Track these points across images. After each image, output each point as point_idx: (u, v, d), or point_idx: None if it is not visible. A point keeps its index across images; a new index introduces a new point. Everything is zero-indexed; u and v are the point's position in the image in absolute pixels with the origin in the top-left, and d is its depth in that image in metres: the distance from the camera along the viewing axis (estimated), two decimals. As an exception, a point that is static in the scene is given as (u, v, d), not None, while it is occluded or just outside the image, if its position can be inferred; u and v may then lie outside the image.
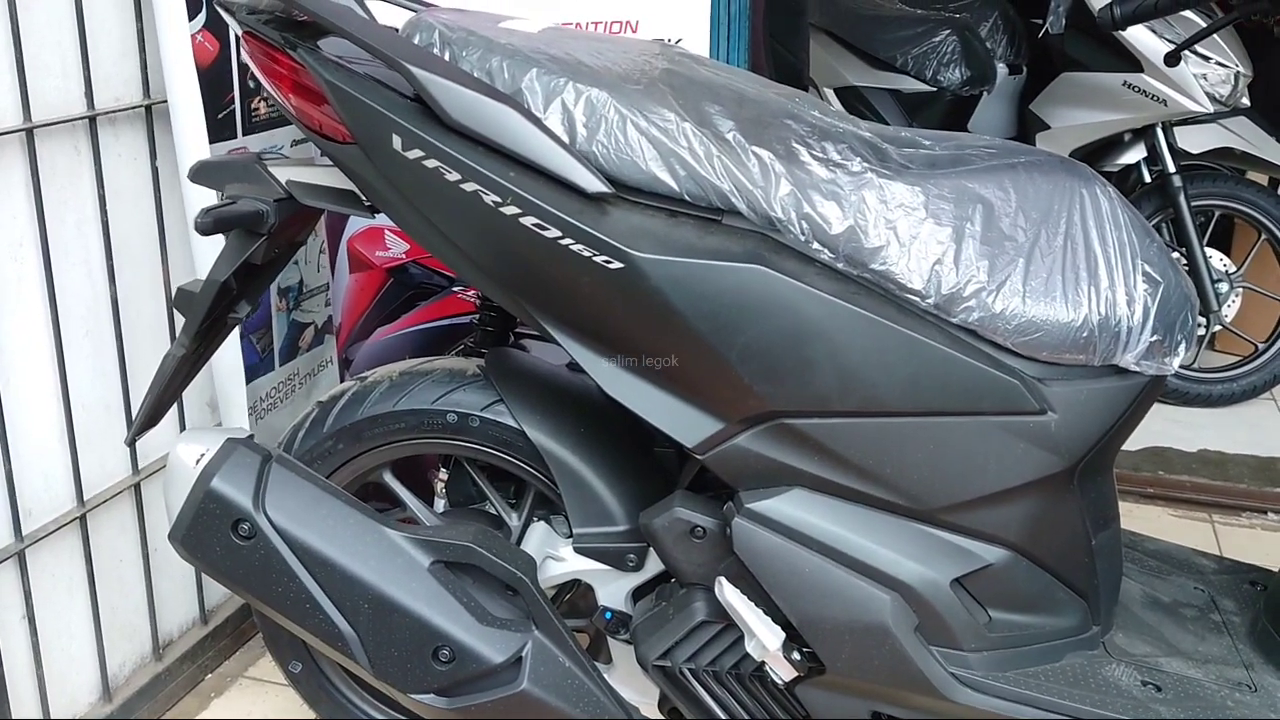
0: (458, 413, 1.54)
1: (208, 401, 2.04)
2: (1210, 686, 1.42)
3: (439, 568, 1.39)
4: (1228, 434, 3.13)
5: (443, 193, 1.29)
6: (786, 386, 1.28)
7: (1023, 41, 3.98)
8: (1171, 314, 1.33)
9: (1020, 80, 3.96)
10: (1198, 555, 1.76)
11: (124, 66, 1.77)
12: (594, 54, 1.36)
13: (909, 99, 3.69)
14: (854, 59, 3.73)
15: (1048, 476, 1.33)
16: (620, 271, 1.25)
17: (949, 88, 3.63)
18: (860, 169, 1.28)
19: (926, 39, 3.62)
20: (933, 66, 3.61)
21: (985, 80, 3.65)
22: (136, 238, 1.84)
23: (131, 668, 1.94)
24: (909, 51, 3.63)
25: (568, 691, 1.40)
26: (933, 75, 3.62)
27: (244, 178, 1.47)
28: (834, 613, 1.33)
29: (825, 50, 3.76)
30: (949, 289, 1.27)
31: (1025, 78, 3.94)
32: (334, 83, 1.30)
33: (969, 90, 3.64)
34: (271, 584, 1.37)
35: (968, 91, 3.64)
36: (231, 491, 1.36)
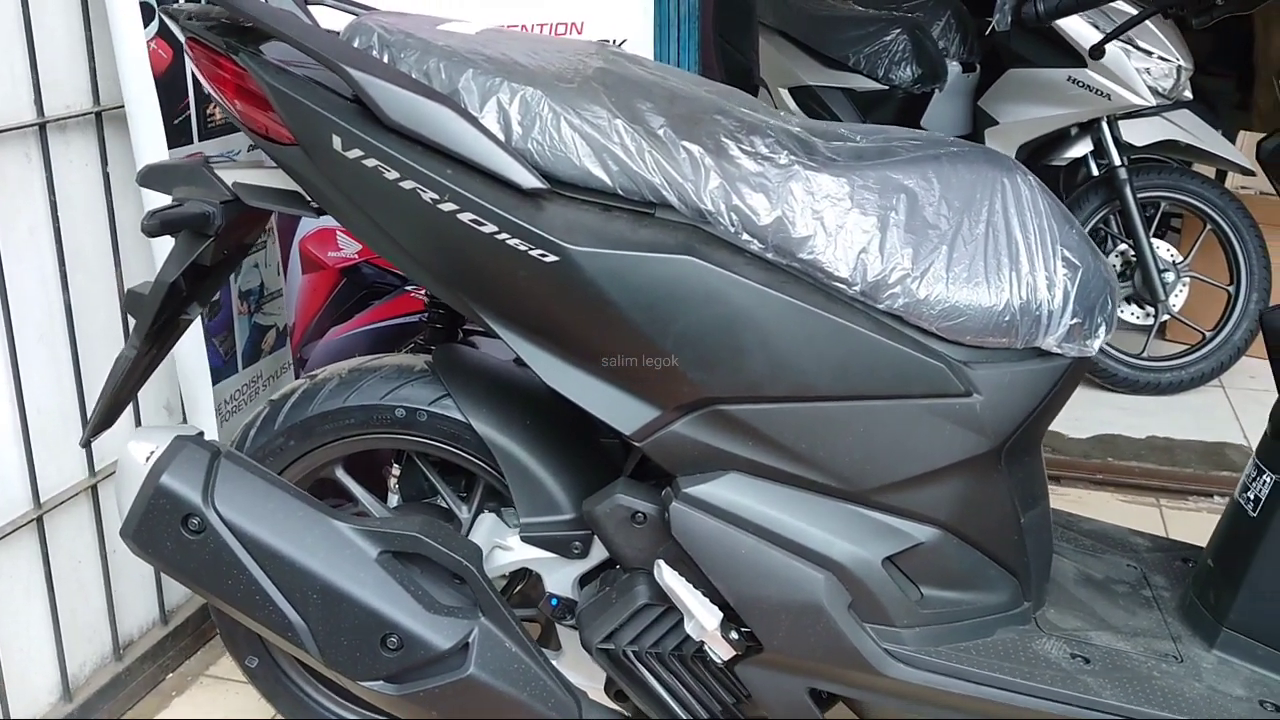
0: (406, 408, 1.57)
1: (164, 404, 2.07)
2: (1137, 658, 1.47)
3: (386, 558, 1.42)
4: (1176, 420, 3.19)
5: (383, 191, 1.32)
6: (719, 373, 1.32)
7: (975, 39, 4.05)
8: (1091, 297, 1.38)
9: (974, 77, 4.02)
10: (1133, 534, 1.81)
11: (74, 74, 1.79)
12: (529, 54, 1.39)
13: (862, 97, 3.75)
14: (808, 59, 3.78)
15: (975, 457, 1.38)
16: (556, 265, 1.29)
17: (901, 86, 3.69)
18: (787, 162, 1.33)
19: (878, 38, 3.68)
20: (884, 65, 3.67)
21: (936, 78, 3.71)
22: (91, 243, 1.86)
23: (92, 668, 1.96)
24: (861, 50, 3.69)
25: (514, 676, 1.44)
26: (884, 74, 3.68)
27: (192, 180, 1.50)
28: (769, 592, 1.37)
29: (779, 51, 3.82)
30: (874, 276, 1.32)
31: (979, 75, 4.01)
32: (275, 86, 1.34)
33: (920, 88, 3.70)
34: (222, 577, 1.40)
35: (919, 89, 3.70)
36: (180, 487, 1.38)
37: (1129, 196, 3.23)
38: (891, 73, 3.67)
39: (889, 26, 3.70)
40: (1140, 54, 3.16)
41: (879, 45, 3.67)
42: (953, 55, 4.08)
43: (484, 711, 1.44)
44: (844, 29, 3.74)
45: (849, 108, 3.75)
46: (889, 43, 3.67)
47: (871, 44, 3.68)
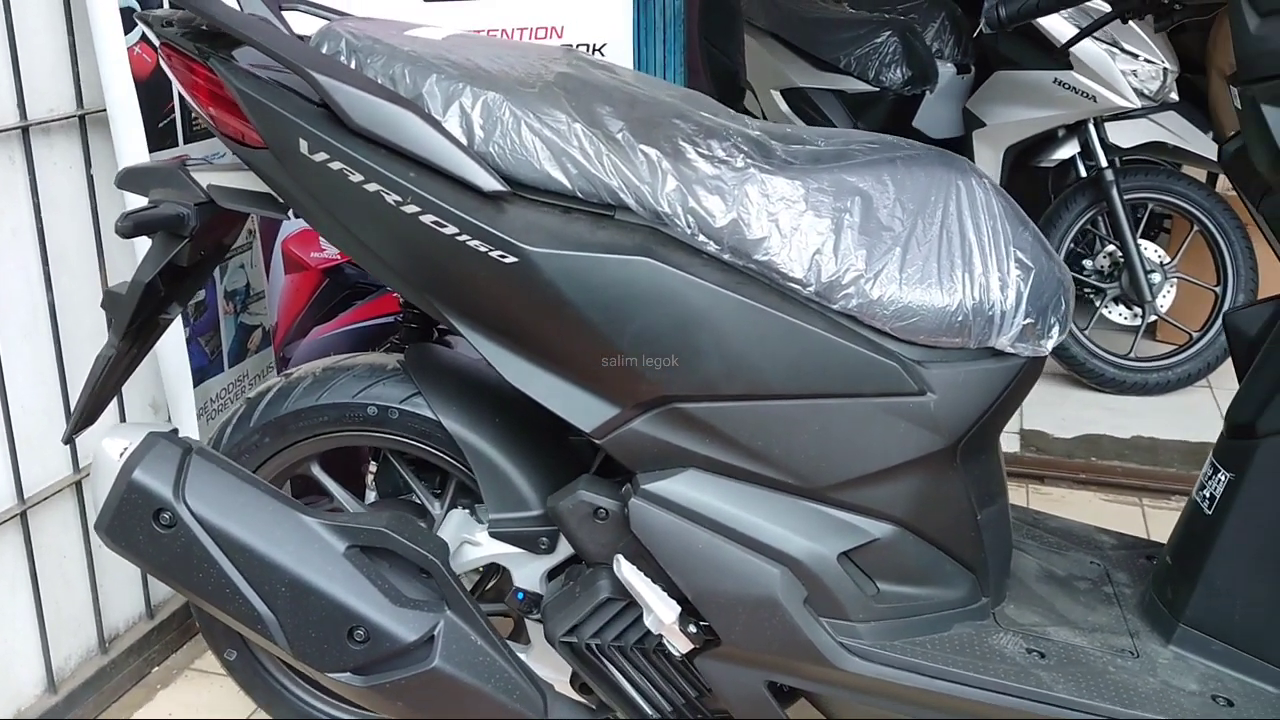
0: (378, 405, 1.60)
1: (150, 403, 2.10)
2: (1093, 653, 1.49)
3: (354, 552, 1.45)
4: (1162, 421, 3.21)
5: (348, 194, 1.35)
6: (675, 372, 1.34)
7: (970, 42, 4.07)
8: (1044, 298, 1.41)
9: (968, 80, 4.04)
10: (1099, 532, 1.83)
11: (57, 78, 1.83)
12: (493, 59, 1.42)
13: (853, 99, 3.77)
14: (799, 61, 3.81)
15: (930, 454, 1.40)
16: (515, 266, 1.32)
17: (891, 88, 3.71)
18: (743, 165, 1.35)
19: (868, 40, 3.70)
20: (875, 67, 3.69)
21: (926, 80, 3.74)
22: (75, 244, 1.90)
23: (77, 661, 2.00)
24: (851, 53, 3.71)
25: (479, 668, 1.47)
26: (875, 76, 3.70)
27: (168, 182, 1.53)
28: (726, 587, 1.40)
29: (770, 53, 3.84)
30: (828, 277, 1.34)
31: (973, 77, 4.03)
32: (244, 90, 1.37)
33: (910, 90, 3.72)
34: (193, 570, 1.43)
35: (909, 91, 3.73)
36: (152, 482, 1.42)
37: (1115, 198, 3.25)
38: (882, 74, 3.70)
39: (880, 29, 3.72)
40: (1126, 56, 3.18)
41: (869, 47, 3.70)
42: (947, 57, 4.10)
43: (449, 703, 1.47)
44: (835, 31, 3.76)
45: (840, 110, 3.77)
46: (879, 45, 3.69)
47: (862, 46, 3.71)
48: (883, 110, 3.76)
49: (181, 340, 1.90)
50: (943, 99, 4.03)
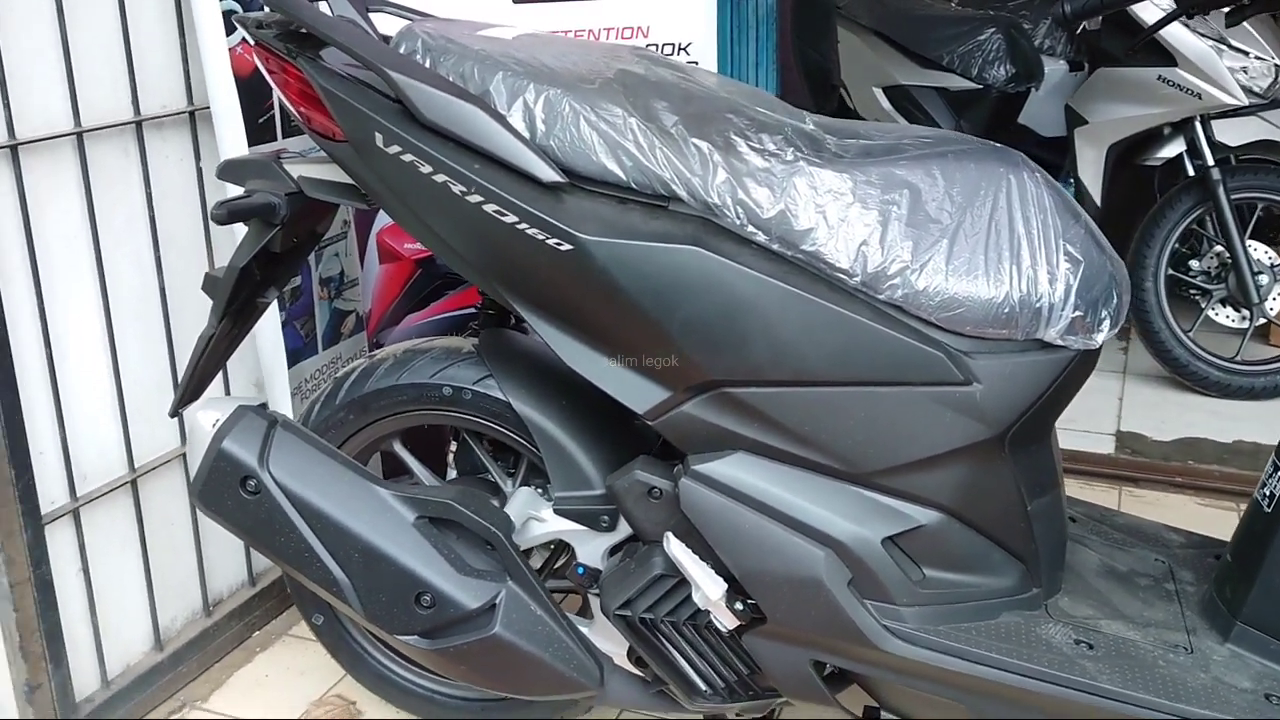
0: (452, 386, 1.69)
1: (255, 382, 2.23)
2: (1144, 647, 1.50)
3: (423, 522, 1.54)
4: (1267, 426, 3.12)
5: (419, 184, 1.44)
6: (724, 357, 1.40)
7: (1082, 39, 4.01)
8: (1095, 291, 1.42)
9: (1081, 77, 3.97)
10: (1168, 530, 1.82)
11: (169, 77, 1.97)
12: (558, 57, 1.50)
13: (956, 97, 3.75)
14: (902, 58, 3.80)
15: (976, 444, 1.42)
16: (570, 253, 1.39)
17: (995, 85, 3.68)
18: (793, 158, 1.40)
19: (972, 37, 3.68)
20: (978, 64, 3.67)
21: (1031, 77, 3.70)
22: (183, 232, 2.03)
23: (182, 622, 2.14)
24: (955, 50, 3.69)
25: (537, 637, 1.54)
26: (978, 73, 3.68)
27: (262, 174, 1.64)
28: (772, 566, 1.44)
29: (874, 50, 3.85)
30: (874, 267, 1.38)
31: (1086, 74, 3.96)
32: (326, 87, 1.47)
33: (1014, 87, 3.69)
34: (275, 535, 1.54)
35: (1013, 88, 3.69)
36: (240, 452, 1.53)
37: (1222, 197, 3.17)
38: (985, 72, 3.67)
39: (984, 25, 3.69)
40: (1233, 53, 3.10)
41: (973, 44, 3.67)
42: (1059, 54, 4.04)
43: (508, 669, 1.55)
44: (939, 28, 3.75)
45: (943, 107, 3.76)
46: (983, 41, 3.67)
47: (965, 43, 3.69)
48: (986, 107, 3.73)
49: (277, 323, 2.02)
50: (1055, 96, 3.97)
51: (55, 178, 1.79)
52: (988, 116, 3.75)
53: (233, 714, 2.03)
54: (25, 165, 1.73)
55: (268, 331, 2.01)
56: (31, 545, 1.76)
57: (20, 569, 1.74)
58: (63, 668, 1.84)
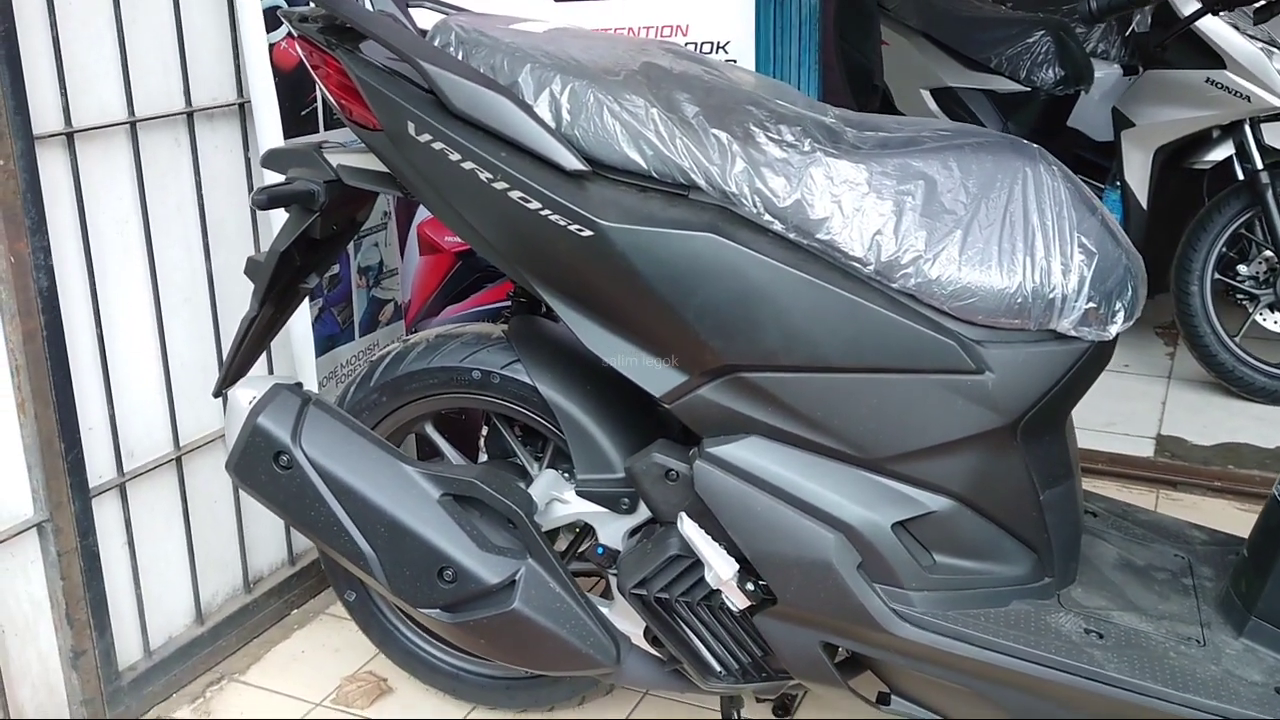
0: (481, 370, 1.74)
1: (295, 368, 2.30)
2: (1156, 638, 1.51)
3: (447, 500, 1.59)
4: (1313, 433, 3.09)
5: (448, 171, 1.49)
6: (738, 343, 1.43)
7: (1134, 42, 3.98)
8: (1109, 283, 1.43)
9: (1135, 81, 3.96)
10: (1191, 528, 1.82)
11: (219, 70, 2.04)
12: (585, 50, 1.54)
13: (1004, 99, 3.75)
14: (950, 60, 3.80)
15: (988, 432, 1.44)
16: (591, 239, 1.43)
17: (1043, 88, 3.67)
18: (810, 149, 1.43)
19: (1020, 39, 3.67)
20: (1026, 67, 3.66)
21: (1080, 80, 3.68)
22: (231, 219, 2.10)
23: (224, 597, 2.21)
24: (1003, 52, 3.69)
25: (556, 614, 1.59)
26: (1026, 75, 3.67)
27: (303, 163, 1.71)
28: (783, 548, 1.47)
29: (922, 52, 3.85)
30: (888, 256, 1.41)
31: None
32: (363, 78, 1.53)
33: (1063, 90, 3.67)
34: (306, 508, 1.60)
35: (1061, 91, 3.68)
36: (274, 427, 1.59)
37: (1271, 201, 3.14)
38: (1033, 74, 3.66)
39: (1033, 28, 3.68)
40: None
41: (1021, 47, 3.67)
42: (1113, 58, 4.02)
43: (526, 644, 1.60)
44: (987, 30, 3.75)
45: (990, 109, 3.75)
46: (1031, 44, 3.66)
47: (1014, 45, 3.68)
48: (1034, 110, 3.72)
49: (307, 311, 2.08)
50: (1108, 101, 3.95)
51: (109, 165, 1.87)
52: (1035, 119, 3.74)
53: (269, 687, 2.10)
54: (81, 152, 1.81)
55: (298, 319, 2.08)
56: (79, 516, 1.83)
57: (68, 539, 1.82)
58: (106, 636, 1.92)
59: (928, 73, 3.85)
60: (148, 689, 2.01)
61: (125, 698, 1.96)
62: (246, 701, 2.06)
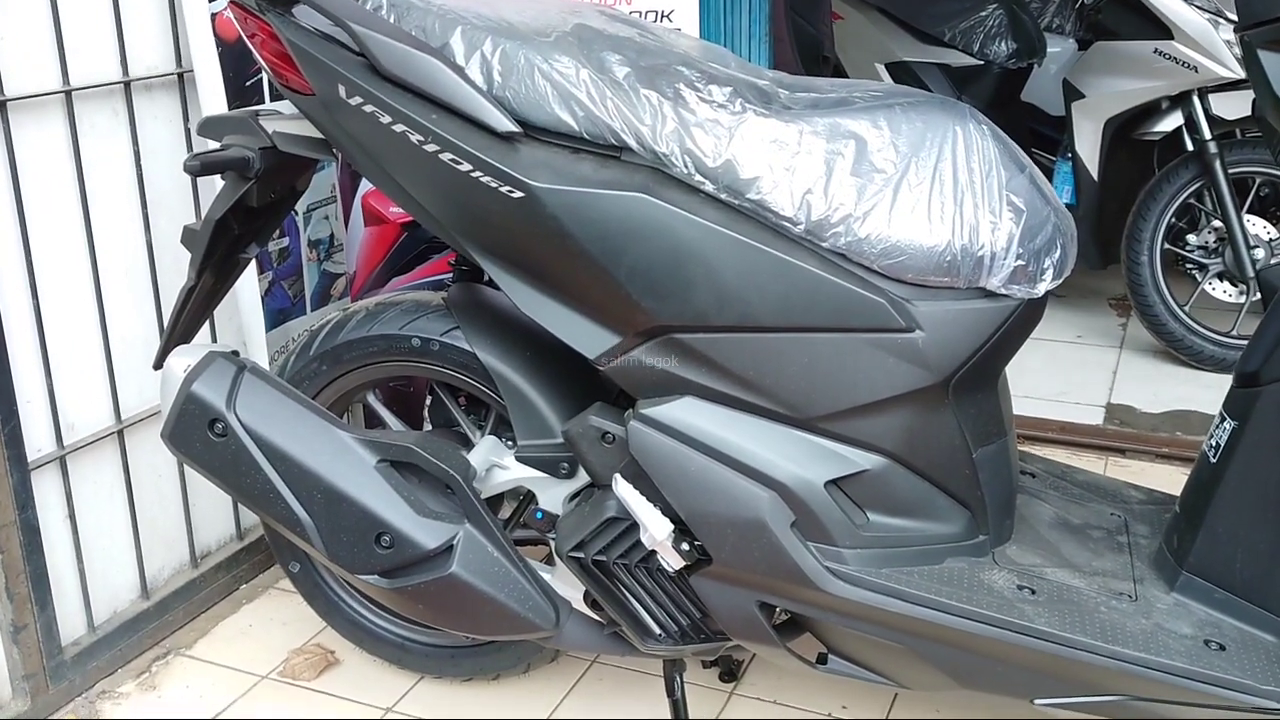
0: (420, 338, 1.73)
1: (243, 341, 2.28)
2: (1088, 594, 1.52)
3: (384, 465, 1.59)
4: (1260, 400, 3.12)
5: (380, 135, 1.49)
6: (670, 303, 1.43)
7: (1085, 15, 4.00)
8: (1038, 241, 1.44)
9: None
10: (1130, 488, 1.85)
11: (159, 39, 2.02)
12: (518, 13, 1.54)
13: (958, 73, 3.76)
14: (903, 34, 3.81)
15: (919, 390, 1.45)
16: (522, 200, 1.43)
17: (996, 61, 3.68)
18: (740, 109, 1.43)
19: (973, 13, 3.68)
20: (979, 40, 3.67)
21: (1033, 53, 3.69)
22: (172, 191, 2.09)
23: (170, 572, 2.20)
24: (956, 25, 3.70)
25: (494, 578, 1.58)
26: (980, 48, 3.68)
27: (239, 130, 1.69)
28: (717, 508, 1.48)
29: (875, 25, 3.86)
30: (818, 216, 1.41)
31: (1092, 50, 3.96)
32: (294, 41, 1.52)
33: (1016, 63, 3.69)
34: (242, 476, 1.59)
35: (1015, 64, 3.69)
36: (208, 394, 1.58)
37: (1219, 171, 3.16)
38: (987, 47, 3.67)
39: (986, 2, 3.69)
40: (1230, 26, 3.09)
41: (975, 20, 3.68)
42: (1068, 32, 4.04)
43: (465, 608, 1.59)
44: (941, 4, 3.75)
45: (944, 83, 3.76)
46: (985, 17, 3.67)
47: (967, 19, 3.69)
48: (988, 83, 3.74)
49: (255, 283, 2.07)
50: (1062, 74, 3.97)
51: (43, 135, 1.85)
52: (990, 93, 3.75)
53: (216, 660, 2.09)
54: (14, 122, 1.79)
55: (248, 292, 2.06)
56: (17, 489, 1.82)
57: (6, 511, 1.80)
58: (48, 610, 1.90)
59: (882, 47, 3.86)
60: (92, 664, 2.00)
61: (68, 672, 1.95)
62: (192, 675, 2.05)
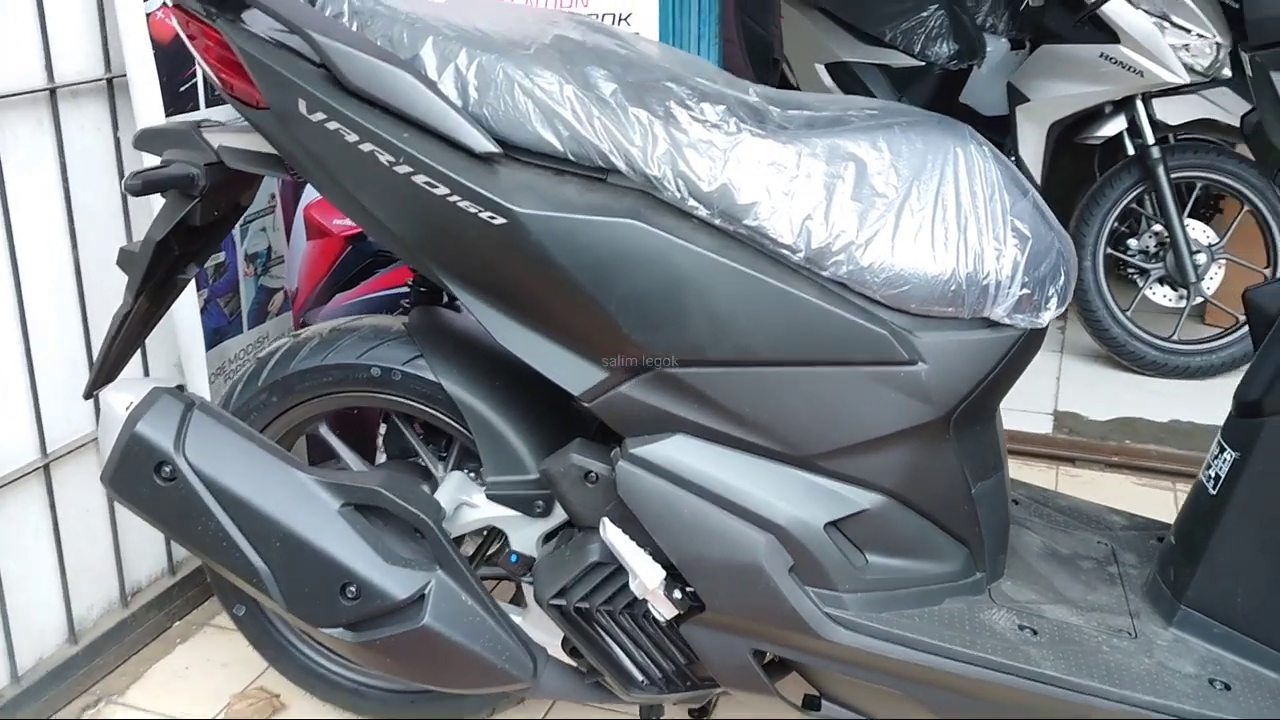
0: (381, 367, 1.62)
1: (174, 363, 2.14)
2: (1088, 632, 1.47)
3: (348, 510, 1.47)
4: (1203, 405, 3.14)
5: (344, 154, 1.37)
6: (663, 336, 1.35)
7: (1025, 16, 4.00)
8: (1042, 269, 1.39)
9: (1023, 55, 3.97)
10: (1111, 512, 1.81)
11: (85, 43, 1.87)
12: (491, 21, 1.43)
13: (898, 74, 3.73)
14: (844, 34, 3.77)
15: (921, 425, 1.39)
16: (504, 227, 1.32)
17: (936, 62, 3.66)
18: (735, 129, 1.35)
19: (914, 13, 3.66)
20: (920, 40, 3.65)
21: (973, 54, 3.69)
22: (102, 205, 1.93)
23: (99, 612, 2.05)
24: (897, 26, 3.67)
25: (469, 628, 1.48)
26: (920, 49, 3.66)
27: (181, 143, 1.56)
28: (711, 552, 1.40)
29: (816, 25, 3.81)
30: (819, 243, 1.33)
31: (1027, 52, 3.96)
32: (247, 51, 1.39)
33: (956, 64, 3.67)
34: (192, 523, 1.46)
35: (955, 65, 3.68)
36: (154, 435, 1.45)
37: (1161, 176, 3.17)
38: (927, 49, 3.65)
39: (927, 2, 3.67)
40: (1176, 30, 3.10)
41: (915, 21, 3.65)
42: (1001, 32, 4.04)
43: (438, 661, 1.49)
44: (880, 4, 3.72)
45: (885, 84, 3.73)
46: (925, 18, 3.65)
47: (908, 19, 3.67)
48: (928, 85, 3.72)
49: (195, 302, 1.94)
50: (996, 75, 3.97)
51: (-42, 146, 1.70)
52: (930, 94, 3.73)
53: (151, 708, 1.95)
54: (-74, 132, 1.64)
55: (186, 310, 1.93)
56: (-67, 533, 1.67)
57: (-79, 558, 1.65)
58: (-31, 662, 1.76)
59: (822, 47, 3.81)
60: (17, 717, 1.85)
61: (-8, 728, 1.81)
62: (128, 725, 1.92)
